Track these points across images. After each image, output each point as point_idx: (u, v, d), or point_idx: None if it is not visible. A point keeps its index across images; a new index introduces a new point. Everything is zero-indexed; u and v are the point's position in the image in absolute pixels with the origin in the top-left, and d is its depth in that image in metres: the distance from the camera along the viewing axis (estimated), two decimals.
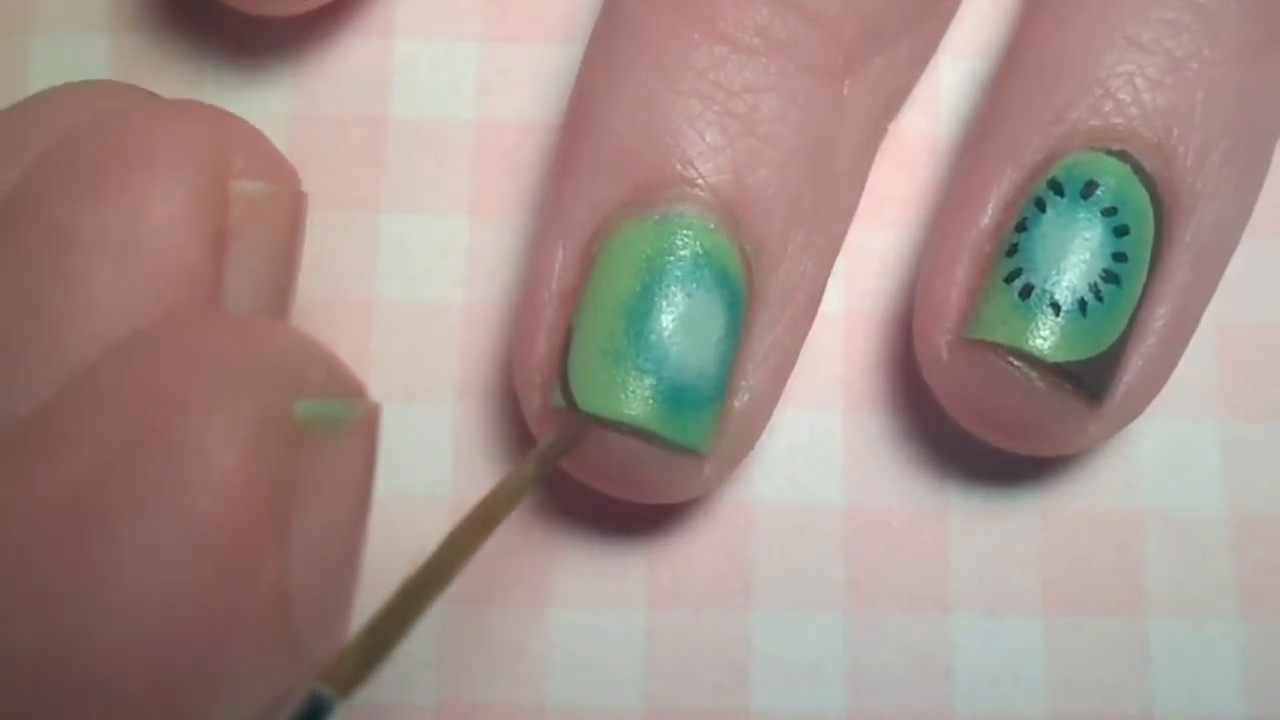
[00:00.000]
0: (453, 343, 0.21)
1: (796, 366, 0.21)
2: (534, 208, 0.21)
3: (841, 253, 0.21)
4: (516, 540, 0.20)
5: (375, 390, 0.20)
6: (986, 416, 0.19)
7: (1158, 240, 0.18)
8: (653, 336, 0.17)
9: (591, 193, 0.18)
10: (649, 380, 0.17)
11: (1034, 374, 0.17)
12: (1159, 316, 0.18)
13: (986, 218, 0.18)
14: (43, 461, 0.12)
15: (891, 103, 0.20)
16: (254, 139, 0.15)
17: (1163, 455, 0.20)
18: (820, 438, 0.20)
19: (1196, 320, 0.19)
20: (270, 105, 0.22)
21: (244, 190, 0.15)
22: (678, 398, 0.17)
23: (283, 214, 0.15)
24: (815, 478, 0.20)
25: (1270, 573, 0.20)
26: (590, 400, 0.17)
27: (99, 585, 0.11)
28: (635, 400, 0.17)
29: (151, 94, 0.17)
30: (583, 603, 0.20)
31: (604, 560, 0.20)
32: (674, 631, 0.20)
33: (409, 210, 0.21)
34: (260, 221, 0.15)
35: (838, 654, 0.20)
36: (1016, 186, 0.18)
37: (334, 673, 0.13)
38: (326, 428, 0.13)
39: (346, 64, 0.22)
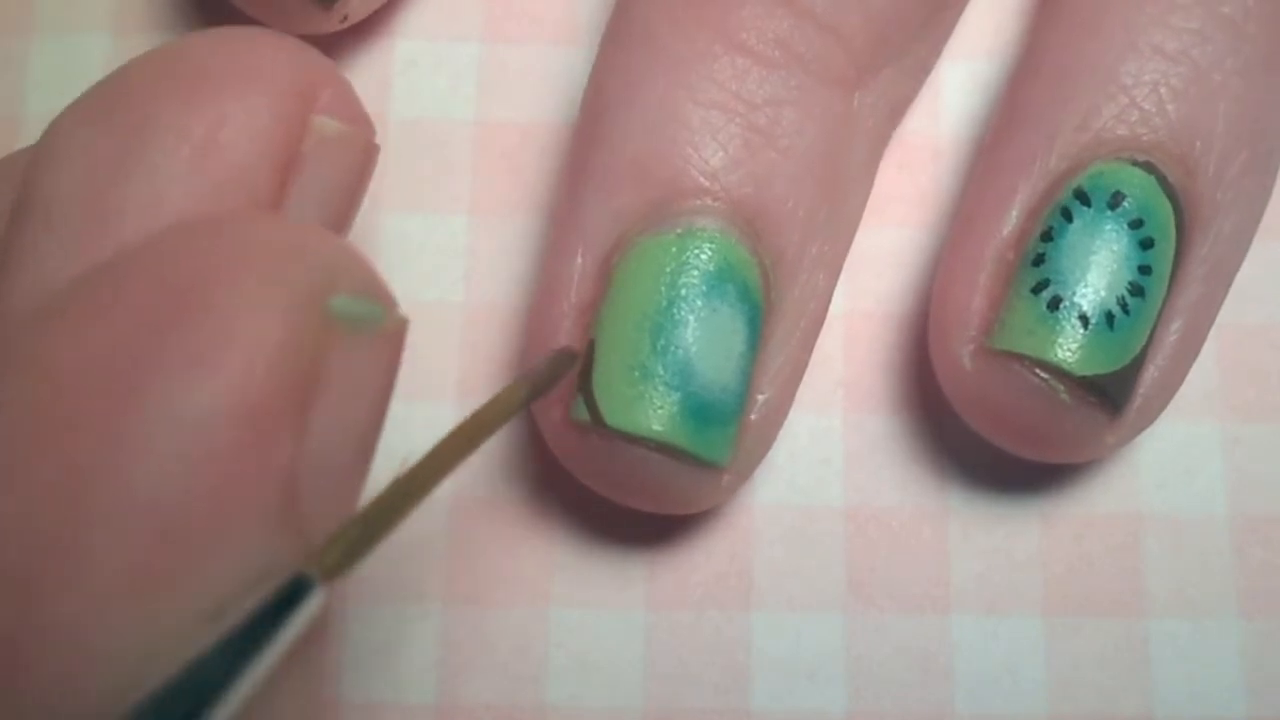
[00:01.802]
0: (453, 343, 0.21)
1: None
2: (534, 208, 0.21)
3: None
4: (516, 540, 0.20)
5: None
6: (1006, 425, 0.18)
7: (1178, 252, 0.18)
8: (679, 352, 0.17)
9: (610, 202, 0.18)
10: (676, 396, 0.17)
11: (1060, 386, 0.17)
12: (1175, 330, 0.18)
13: (1009, 225, 0.18)
14: (84, 319, 0.12)
15: (896, 111, 0.20)
16: (341, 84, 0.16)
17: (1163, 456, 0.20)
18: (821, 439, 0.20)
19: (1207, 331, 0.19)
20: None
21: (321, 125, 0.15)
22: (703, 413, 0.17)
23: (352, 157, 0.16)
24: (816, 478, 0.20)
25: (1271, 574, 0.20)
26: (617, 416, 0.17)
27: (124, 438, 0.12)
28: (662, 416, 0.17)
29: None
30: (583, 603, 0.20)
31: (604, 560, 0.20)
32: (674, 631, 0.20)
33: (409, 210, 0.21)
34: (330, 158, 0.15)
35: (838, 654, 0.20)
36: (1040, 194, 0.18)
37: (319, 558, 0.13)
38: (356, 326, 0.13)
39: (346, 64, 0.22)
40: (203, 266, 0.13)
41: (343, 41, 0.22)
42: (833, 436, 0.20)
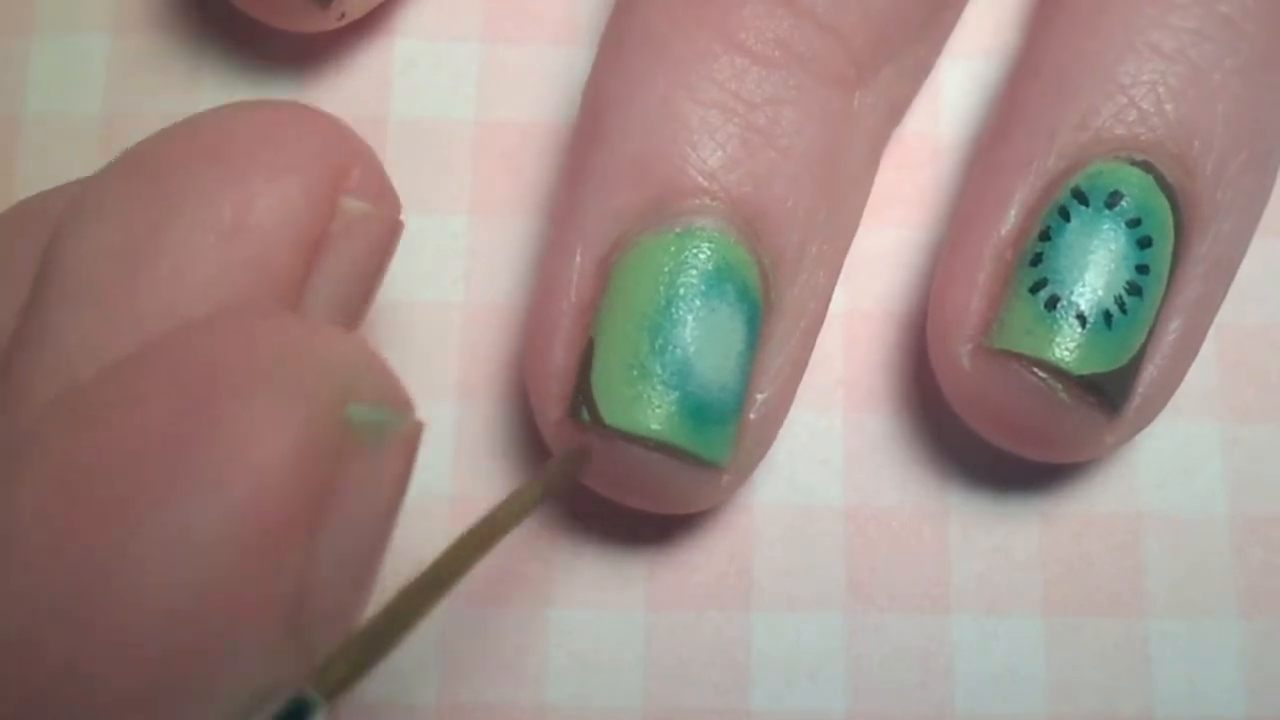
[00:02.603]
0: (453, 343, 0.21)
1: None
2: (534, 208, 0.21)
3: None
4: (517, 540, 0.20)
5: None
6: (1005, 425, 0.18)
7: (1175, 252, 0.18)
8: (678, 351, 0.17)
9: (609, 201, 0.18)
10: (674, 395, 0.17)
11: (1059, 386, 0.17)
12: (1173, 329, 0.18)
13: (1008, 224, 0.18)
14: (99, 422, 0.12)
15: (896, 110, 0.20)
16: (370, 161, 0.16)
17: (1163, 456, 0.20)
18: (821, 438, 0.20)
19: (1207, 330, 0.19)
20: None
21: (350, 206, 0.15)
22: (702, 412, 0.17)
23: (379, 237, 0.16)
24: (815, 478, 0.20)
25: (1270, 574, 0.20)
26: (616, 415, 0.17)
27: (130, 555, 0.12)
28: (661, 415, 0.17)
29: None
30: (583, 603, 0.20)
31: (604, 560, 0.20)
32: (674, 631, 0.20)
33: (409, 210, 0.21)
34: (357, 239, 0.15)
35: (838, 654, 0.20)
36: (1039, 193, 0.18)
37: (322, 675, 0.13)
38: (373, 434, 0.13)
39: (346, 64, 0.22)
40: (218, 375, 0.12)
41: (343, 41, 0.22)
42: (833, 436, 0.20)
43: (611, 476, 0.18)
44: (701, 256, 0.17)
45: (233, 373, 0.12)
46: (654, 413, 0.17)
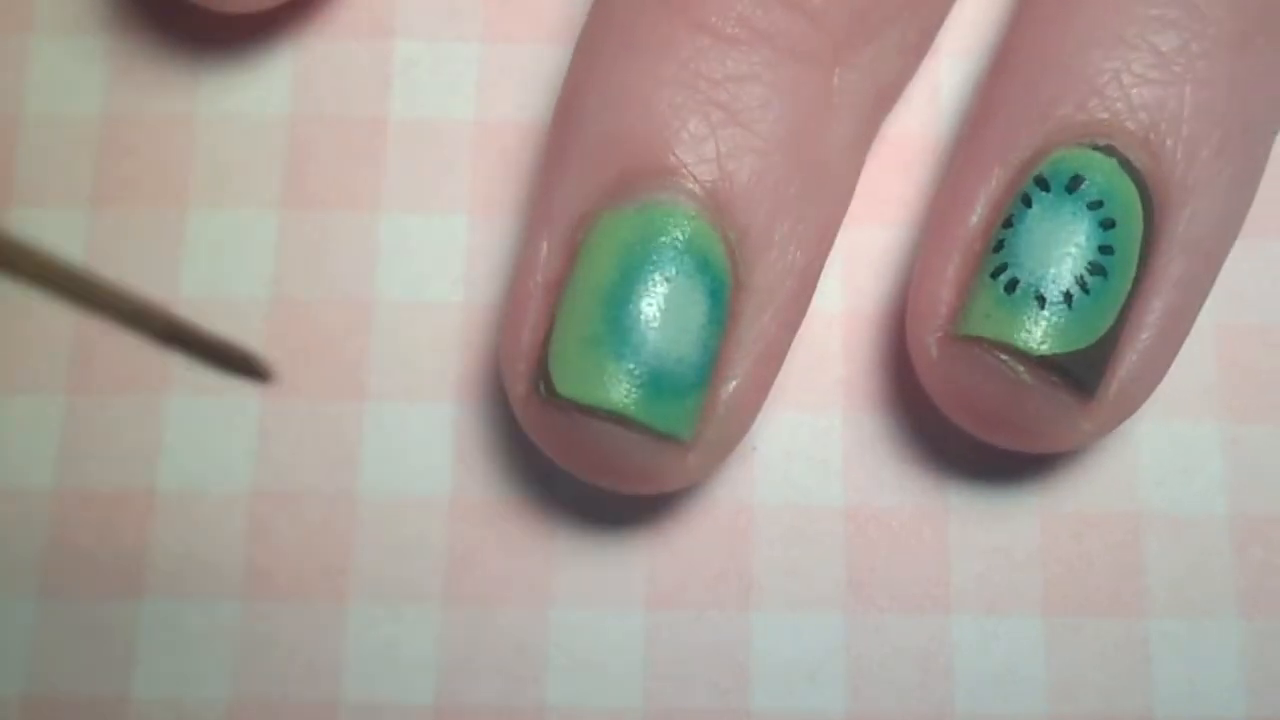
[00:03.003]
0: (453, 343, 0.21)
1: (796, 367, 0.21)
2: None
3: (841, 252, 0.21)
4: (516, 540, 0.20)
5: (375, 390, 0.21)
6: (976, 411, 0.19)
7: (1148, 235, 0.18)
8: (630, 322, 0.17)
9: (575, 183, 0.18)
10: (627, 365, 0.17)
11: (1020, 368, 0.17)
12: (1152, 310, 0.18)
13: (975, 217, 0.18)
14: None
15: (885, 94, 0.20)
16: None
17: (1163, 456, 0.20)
18: (820, 438, 0.20)
19: (1193, 315, 0.19)
20: (270, 105, 0.22)
21: None
22: (656, 384, 0.17)
23: None
24: (815, 478, 0.20)
25: (1270, 573, 0.20)
26: (567, 386, 0.17)
27: None
28: (612, 386, 0.17)
29: None
30: (583, 603, 0.20)
31: (604, 560, 0.20)
32: (674, 631, 0.20)
33: (409, 210, 0.21)
34: None
35: (838, 654, 0.20)
36: (1005, 185, 0.18)
37: None
38: None
39: (346, 64, 0.22)
40: None
41: (343, 41, 0.22)
42: (832, 436, 0.20)
43: (573, 451, 0.18)
44: (660, 229, 0.17)
45: None
46: (604, 382, 0.17)
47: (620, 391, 0.17)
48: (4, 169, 0.21)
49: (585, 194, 0.18)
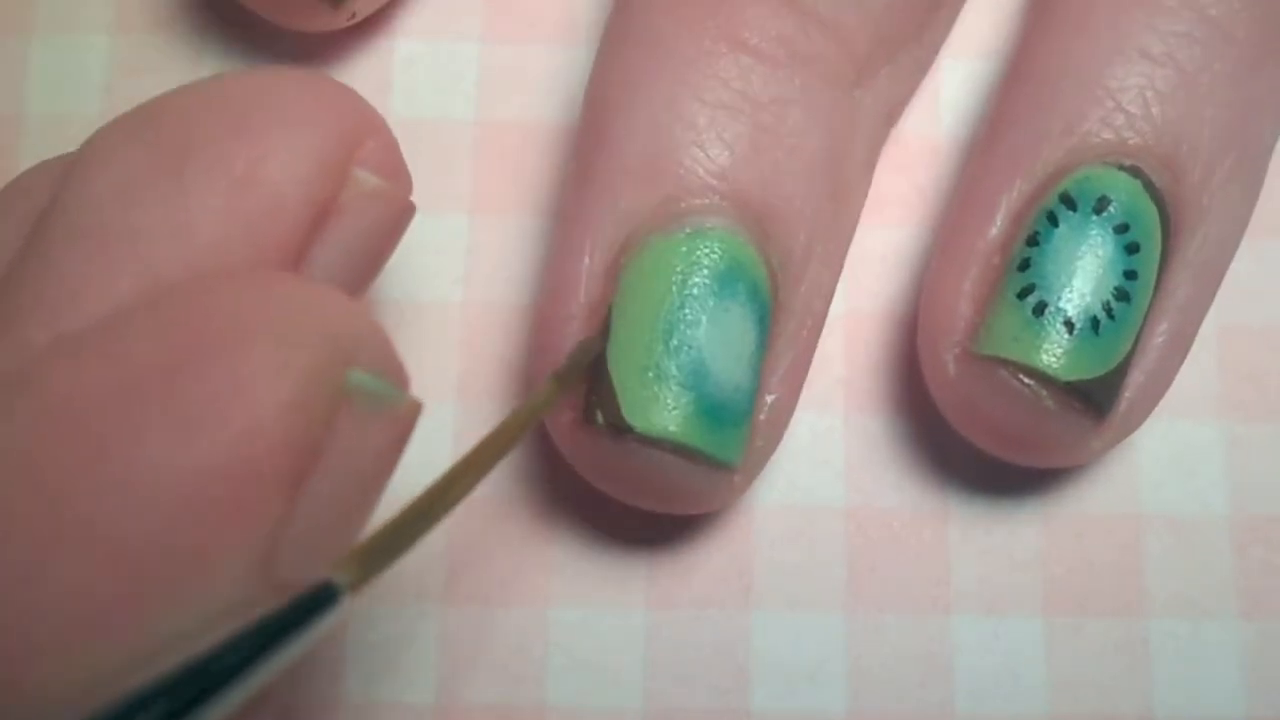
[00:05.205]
0: (453, 343, 0.21)
1: None
2: (534, 208, 0.21)
3: None
4: (516, 540, 0.20)
5: None
6: (991, 430, 0.18)
7: (1163, 256, 0.18)
8: (693, 352, 0.17)
9: (618, 202, 0.17)
10: (690, 396, 0.17)
11: (1044, 392, 0.17)
12: (1160, 332, 0.18)
13: (995, 229, 0.18)
14: (102, 354, 0.12)
15: (894, 111, 0.20)
16: (388, 139, 0.16)
17: (1164, 456, 0.20)
18: (822, 439, 0.20)
19: (1195, 333, 0.19)
20: None
21: (363, 178, 0.15)
22: (717, 413, 0.17)
23: (387, 215, 0.16)
24: (816, 479, 0.20)
25: (1271, 574, 0.20)
26: (633, 417, 0.17)
27: (109, 477, 0.12)
28: (678, 417, 0.17)
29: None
30: (583, 603, 0.20)
31: (604, 560, 0.20)
32: (674, 631, 0.20)
33: None
34: (366, 212, 0.15)
35: (838, 654, 0.20)
36: (1026, 198, 0.18)
37: (346, 566, 0.13)
38: (368, 402, 0.13)
39: (346, 64, 0.22)
40: (222, 323, 0.12)
41: (343, 41, 0.22)
42: (834, 437, 0.20)
43: (625, 479, 0.18)
44: (714, 256, 0.17)
45: (237, 322, 0.12)
46: (670, 414, 0.17)
47: (685, 423, 0.17)
48: (4, 169, 0.21)
49: (629, 213, 0.17)
